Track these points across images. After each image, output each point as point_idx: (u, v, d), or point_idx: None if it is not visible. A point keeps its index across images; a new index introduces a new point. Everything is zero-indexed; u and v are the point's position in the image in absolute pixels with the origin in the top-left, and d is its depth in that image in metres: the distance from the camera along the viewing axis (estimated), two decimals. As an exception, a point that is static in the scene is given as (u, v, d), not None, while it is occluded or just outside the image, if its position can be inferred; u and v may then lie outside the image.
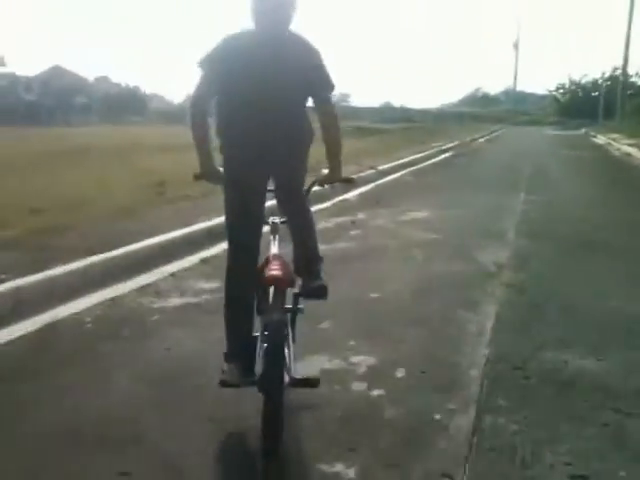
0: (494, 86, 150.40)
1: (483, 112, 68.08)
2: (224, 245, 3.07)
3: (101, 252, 5.17)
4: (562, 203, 9.18)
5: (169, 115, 64.50)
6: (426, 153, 18.19)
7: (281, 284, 2.58)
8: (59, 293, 4.47)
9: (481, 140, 31.16)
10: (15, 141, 19.58)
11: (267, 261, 2.76)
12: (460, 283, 4.92)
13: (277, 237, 2.96)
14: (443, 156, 19.16)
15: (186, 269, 5.34)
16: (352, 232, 6.78)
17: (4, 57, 67.66)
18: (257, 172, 2.74)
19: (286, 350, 2.55)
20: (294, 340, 2.79)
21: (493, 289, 4.75)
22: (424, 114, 54.45)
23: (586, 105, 57.41)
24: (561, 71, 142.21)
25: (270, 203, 2.88)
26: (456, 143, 24.48)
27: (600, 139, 28.39)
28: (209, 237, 6.31)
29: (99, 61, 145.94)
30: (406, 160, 15.41)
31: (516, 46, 63.95)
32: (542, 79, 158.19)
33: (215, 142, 2.79)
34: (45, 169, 11.12)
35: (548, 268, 5.47)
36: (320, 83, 2.76)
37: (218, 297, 3.27)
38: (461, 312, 4.21)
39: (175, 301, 4.47)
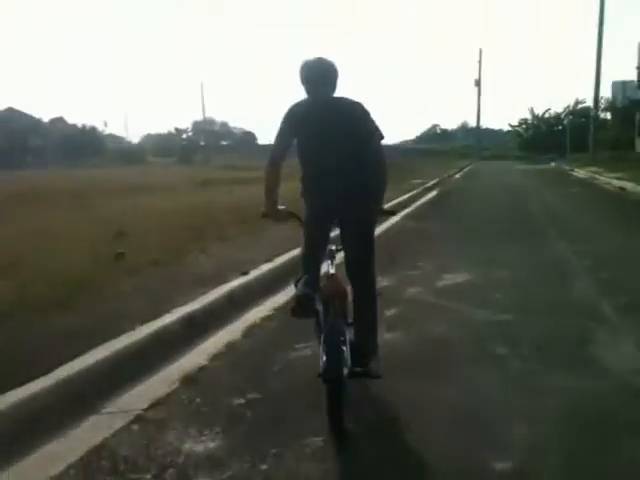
0: (449, 122, 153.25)
1: (443, 148, 68.48)
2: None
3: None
4: (621, 256, 7.48)
5: (128, 155, 62.90)
6: (412, 193, 16.66)
7: (336, 298, 3.15)
8: None
9: (457, 176, 30.12)
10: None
11: (326, 279, 3.33)
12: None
13: (334, 261, 3.44)
14: (431, 195, 17.78)
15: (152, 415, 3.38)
16: (386, 312, 4.94)
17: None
18: (324, 216, 3.39)
19: (344, 348, 2.97)
20: None
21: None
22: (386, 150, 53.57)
23: (549, 139, 57.64)
24: (516, 107, 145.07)
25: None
26: (436, 180, 23.22)
27: (580, 173, 27.42)
28: (191, 332, 4.41)
29: (54, 102, 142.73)
30: (396, 201, 13.85)
31: (478, 83, 63.99)
32: (495, 115, 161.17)
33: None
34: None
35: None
36: (367, 134, 3.32)
37: None
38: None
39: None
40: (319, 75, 3.34)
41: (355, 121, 3.30)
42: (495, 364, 3.81)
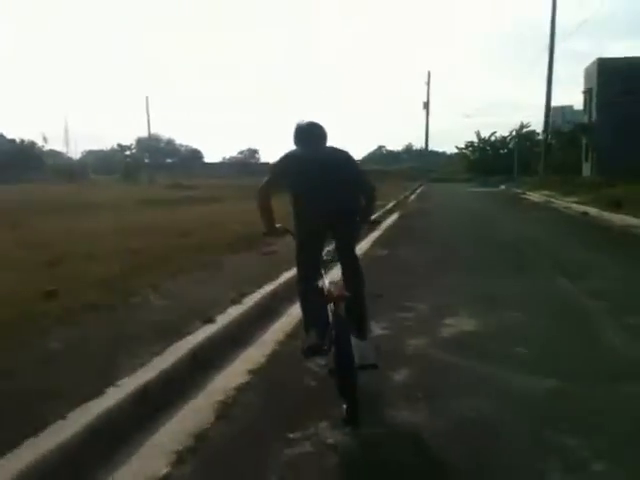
0: (395, 144, 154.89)
1: (389, 169, 68.53)
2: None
3: None
4: (631, 291, 6.72)
5: (69, 172, 60.11)
6: (374, 216, 15.82)
7: (341, 299, 3.52)
8: None
9: (413, 198, 29.62)
10: None
11: (330, 285, 3.80)
12: None
13: (328, 270, 4.16)
14: (393, 218, 16.91)
15: None
16: (394, 376, 3.89)
17: None
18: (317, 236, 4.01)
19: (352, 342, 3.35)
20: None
21: None
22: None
23: (496, 162, 58.47)
24: (457, 131, 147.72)
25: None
26: (393, 202, 22.43)
27: (533, 196, 27.34)
28: (141, 413, 3.24)
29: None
30: None
31: (426, 105, 64.52)
32: (440, 138, 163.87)
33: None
34: None
35: None
36: (358, 172, 4.12)
37: None
38: None
39: None
40: (317, 132, 4.05)
41: (347, 163, 4.05)
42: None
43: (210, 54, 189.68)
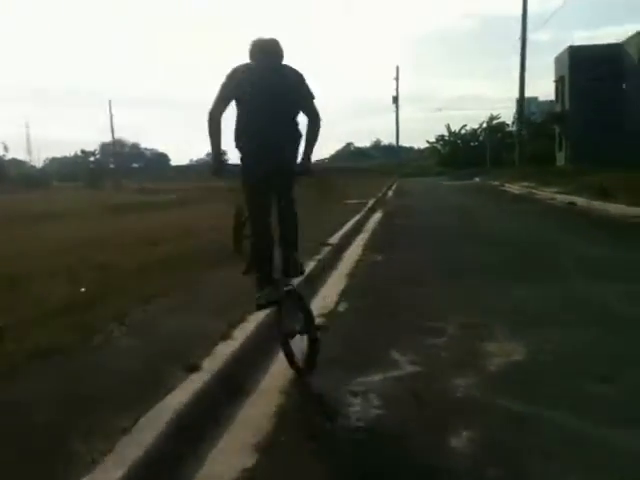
0: (362, 141, 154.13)
1: (360, 166, 67.87)
2: None
3: None
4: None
5: (32, 180, 57.89)
6: (358, 216, 14.75)
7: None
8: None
9: (390, 194, 28.73)
10: None
11: None
12: None
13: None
14: (376, 217, 15.92)
15: None
16: (455, 447, 2.90)
17: None
18: (266, 165, 3.83)
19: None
20: None
21: None
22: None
23: (468, 155, 58.09)
24: (424, 125, 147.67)
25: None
26: (372, 200, 21.49)
27: (513, 188, 26.58)
28: None
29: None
30: (349, 226, 11.95)
31: (395, 100, 63.87)
32: (407, 132, 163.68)
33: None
34: None
35: None
36: (307, 96, 3.98)
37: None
38: None
39: None
40: (271, 50, 3.93)
41: (300, 84, 3.97)
42: None
43: (171, 54, 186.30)
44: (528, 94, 35.60)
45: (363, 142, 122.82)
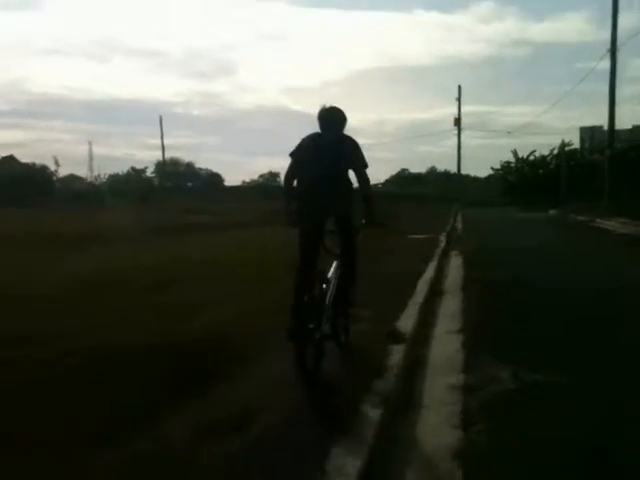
0: (417, 167, 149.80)
1: (414, 192, 64.47)
2: None
3: None
4: None
5: (83, 196, 57.04)
6: (433, 262, 11.41)
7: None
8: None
9: (459, 226, 25.15)
10: None
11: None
12: None
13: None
14: (454, 263, 12.31)
15: None
16: None
17: None
18: (315, 214, 4.65)
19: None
20: None
21: None
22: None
23: (537, 183, 53.84)
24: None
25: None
26: (443, 236, 18.16)
27: (612, 226, 21.36)
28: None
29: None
30: (420, 289, 8.52)
31: (457, 122, 60.52)
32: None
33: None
34: None
35: None
36: (359, 163, 4.74)
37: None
38: None
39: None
40: (331, 119, 4.77)
41: (351, 152, 4.76)
42: None
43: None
44: (593, 122, 31.76)
45: (418, 168, 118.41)
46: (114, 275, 8.95)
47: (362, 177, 4.70)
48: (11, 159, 69.59)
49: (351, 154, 4.70)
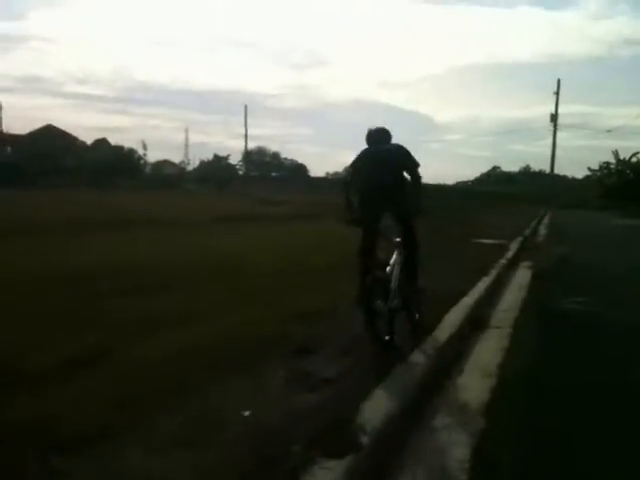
0: (510, 165, 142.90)
1: (504, 191, 61.43)
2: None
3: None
4: None
5: (164, 181, 58.03)
6: (492, 276, 9.49)
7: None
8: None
9: (542, 232, 22.54)
10: None
11: None
12: None
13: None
14: (518, 281, 9.82)
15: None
16: None
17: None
18: (374, 209, 5.48)
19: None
20: None
21: None
22: (439, 190, 47.04)
23: (637, 188, 49.22)
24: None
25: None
26: (515, 242, 15.91)
27: None
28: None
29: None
30: (457, 316, 6.75)
31: (554, 118, 56.53)
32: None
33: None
34: None
35: None
36: (411, 164, 5.59)
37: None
38: None
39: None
40: (377, 137, 5.76)
41: (397, 153, 5.65)
42: None
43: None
44: None
45: (511, 167, 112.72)
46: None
47: (415, 176, 5.58)
48: (102, 141, 71.76)
49: (405, 158, 5.61)
